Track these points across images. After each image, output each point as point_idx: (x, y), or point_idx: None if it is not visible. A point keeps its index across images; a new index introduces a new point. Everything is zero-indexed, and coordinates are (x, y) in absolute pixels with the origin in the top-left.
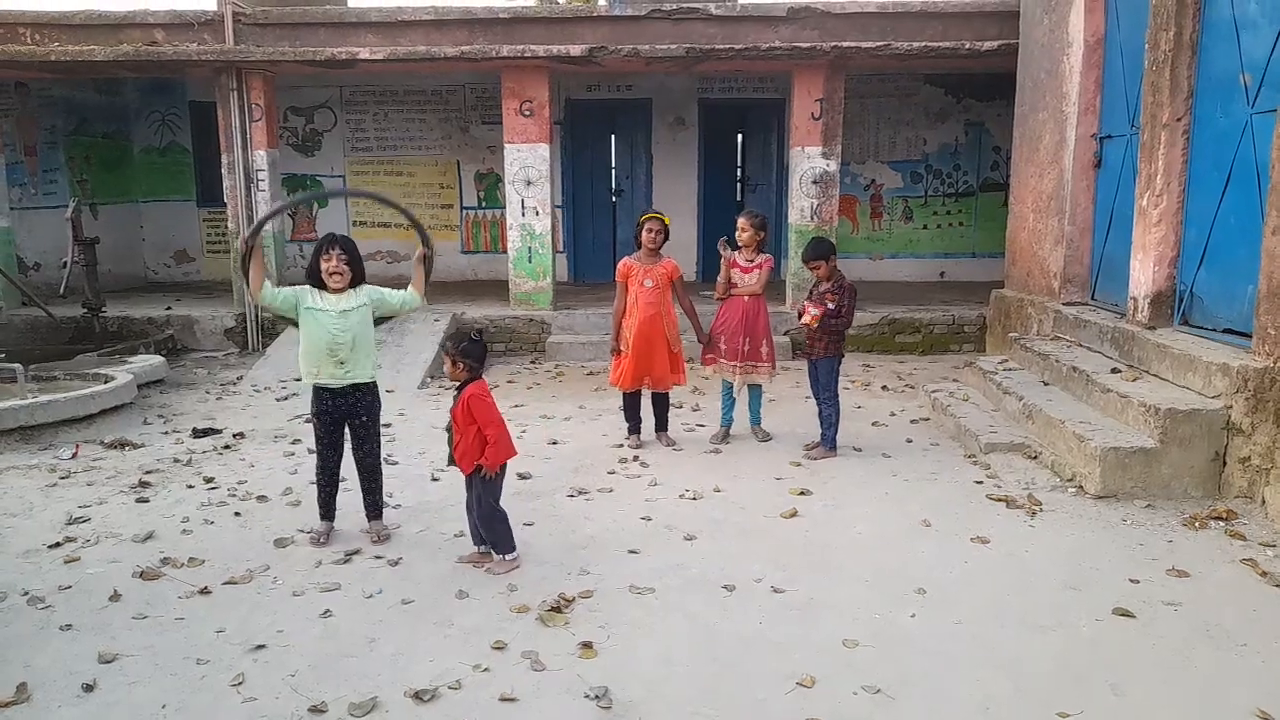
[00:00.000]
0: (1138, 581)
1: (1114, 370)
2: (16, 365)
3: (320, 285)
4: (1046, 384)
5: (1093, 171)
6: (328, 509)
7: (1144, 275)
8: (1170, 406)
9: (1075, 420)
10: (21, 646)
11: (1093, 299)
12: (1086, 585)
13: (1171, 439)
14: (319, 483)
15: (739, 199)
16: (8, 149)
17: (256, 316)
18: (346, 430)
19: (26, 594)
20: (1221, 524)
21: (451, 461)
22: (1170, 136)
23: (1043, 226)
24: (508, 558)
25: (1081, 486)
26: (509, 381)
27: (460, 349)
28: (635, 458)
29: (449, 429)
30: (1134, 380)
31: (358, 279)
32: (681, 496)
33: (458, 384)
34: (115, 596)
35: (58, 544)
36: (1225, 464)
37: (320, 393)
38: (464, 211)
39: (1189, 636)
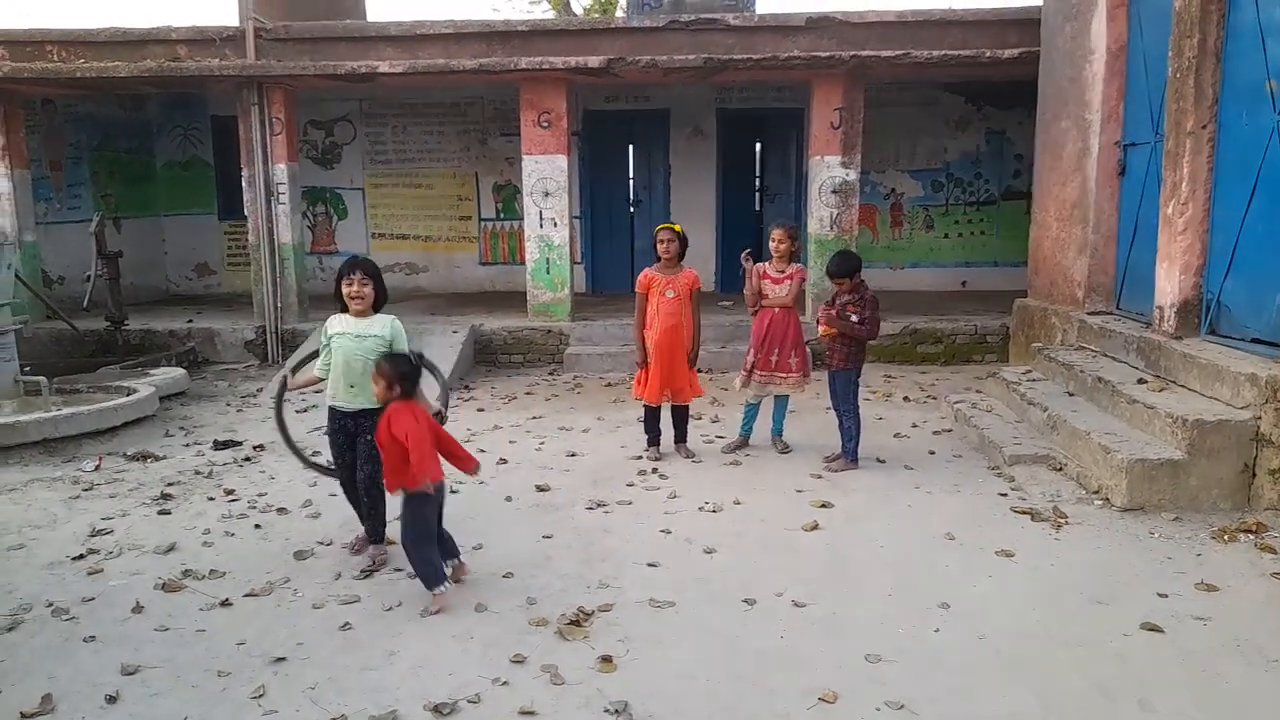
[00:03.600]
0: (1166, 595)
1: (1140, 381)
2: (41, 378)
3: (344, 308)
4: (1071, 395)
5: (1116, 179)
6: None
7: (1170, 284)
8: (1198, 417)
9: (1101, 431)
10: (46, 657)
11: (1117, 308)
12: (1114, 599)
13: (1199, 450)
14: (348, 498)
15: (758, 209)
16: (34, 164)
17: (277, 329)
18: None
19: (51, 605)
20: (1251, 537)
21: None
22: (1195, 144)
23: (1066, 235)
24: (435, 592)
25: (1108, 499)
26: (527, 393)
27: (401, 373)
28: (654, 470)
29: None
30: (1160, 391)
31: (380, 299)
32: (701, 509)
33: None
34: (138, 608)
35: (81, 556)
36: (1255, 475)
37: (332, 412)
38: (482, 223)
39: (1219, 652)
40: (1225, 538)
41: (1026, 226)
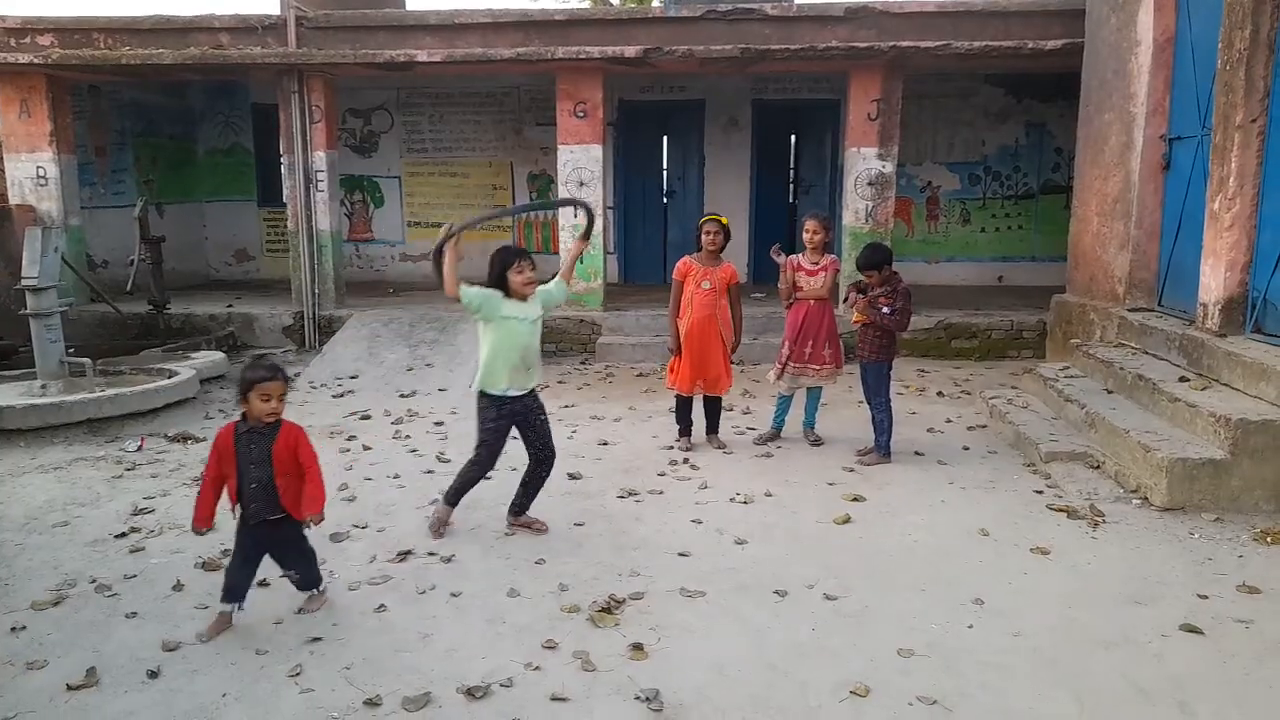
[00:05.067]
0: (1206, 597)
1: (1182, 379)
2: (86, 359)
3: (505, 293)
4: (1110, 392)
5: (1161, 174)
6: (458, 501)
7: (1215, 281)
8: (1241, 417)
9: (1140, 430)
10: (90, 632)
11: (1159, 305)
12: (1152, 600)
13: (1242, 450)
14: (470, 480)
15: (792, 200)
16: (80, 149)
17: (314, 315)
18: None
19: (94, 581)
20: None
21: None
22: (1244, 138)
23: (1108, 230)
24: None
25: (1147, 498)
26: (559, 382)
27: (285, 377)
28: (685, 460)
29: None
30: (1203, 389)
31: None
32: (732, 500)
33: (269, 422)
34: (178, 586)
35: (124, 534)
36: None
37: (500, 400)
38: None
39: (1261, 655)
40: (1268, 540)
41: (1066, 221)
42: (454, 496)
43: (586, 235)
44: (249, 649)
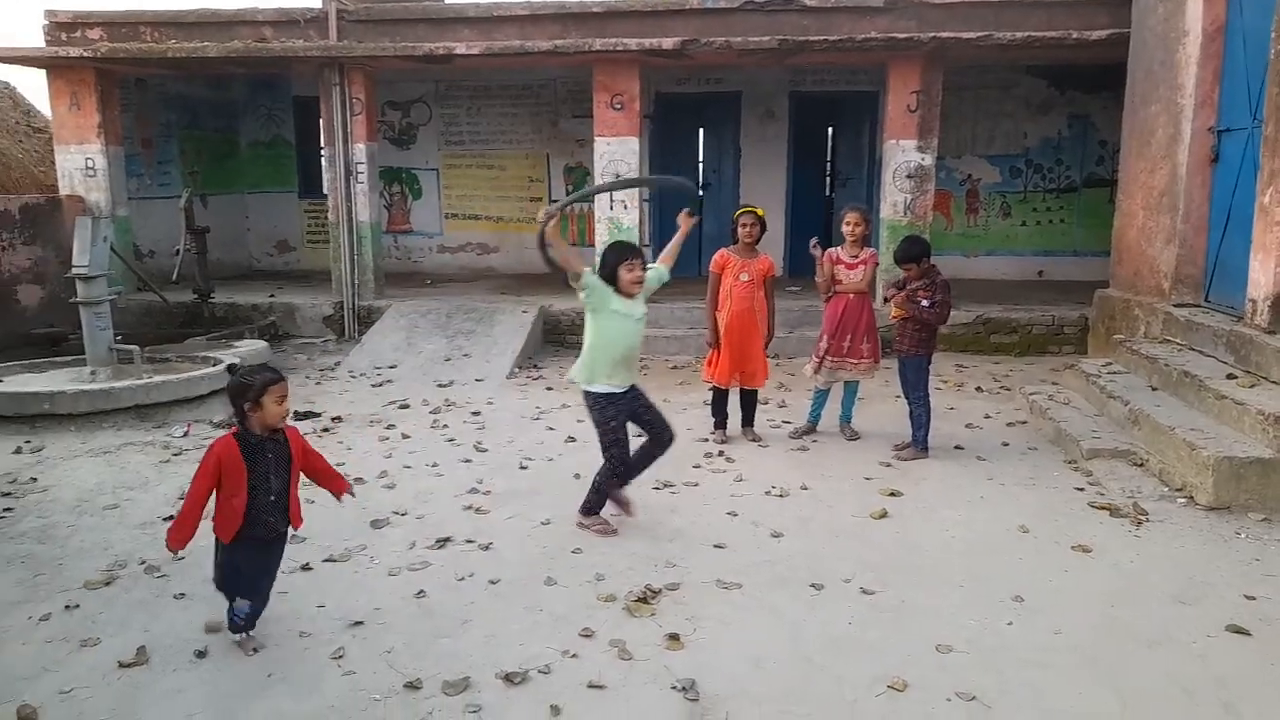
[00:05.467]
0: (1254, 598)
1: (1229, 375)
2: (134, 347)
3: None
4: (1154, 389)
5: (1209, 167)
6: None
7: (1264, 276)
8: None
9: (1186, 427)
10: (140, 612)
11: (1206, 300)
12: (1197, 600)
13: None
14: (619, 476)
15: (828, 194)
16: (126, 141)
17: (354, 305)
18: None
19: (144, 563)
20: None
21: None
22: None
23: (1153, 224)
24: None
25: (1192, 497)
26: None
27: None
28: (721, 453)
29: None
30: (1251, 386)
31: None
32: (768, 493)
33: (274, 427)
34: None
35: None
36: None
37: (611, 397)
38: (552, 205)
39: None
40: None
41: (1109, 215)
42: (594, 506)
43: (693, 212)
44: (292, 631)
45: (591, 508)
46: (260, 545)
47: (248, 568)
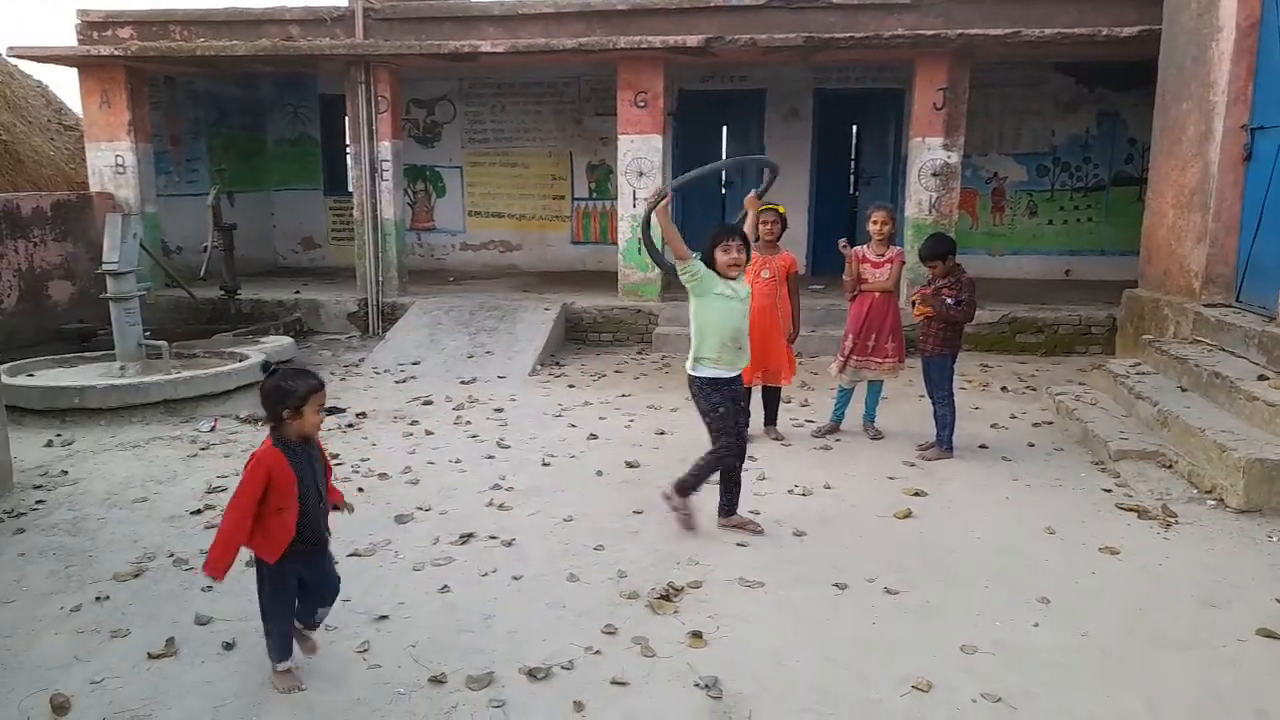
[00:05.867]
0: None
1: (1261, 377)
2: (162, 342)
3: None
4: (1184, 390)
5: (1241, 165)
6: (691, 491)
7: None
8: None
9: (1216, 429)
10: (168, 603)
11: (1237, 301)
12: (1227, 603)
13: None
14: (727, 462)
15: (853, 191)
16: (155, 139)
17: (378, 302)
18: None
19: (172, 555)
20: None
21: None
22: None
23: (1184, 223)
24: (278, 668)
25: (1222, 499)
26: (616, 371)
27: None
28: None
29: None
30: None
31: None
32: (790, 492)
33: (310, 437)
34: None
35: (198, 510)
36: None
37: (717, 382)
38: (575, 203)
39: None
40: None
41: (1138, 214)
42: (689, 487)
43: (761, 194)
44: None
45: (686, 488)
46: (319, 550)
47: (310, 574)
